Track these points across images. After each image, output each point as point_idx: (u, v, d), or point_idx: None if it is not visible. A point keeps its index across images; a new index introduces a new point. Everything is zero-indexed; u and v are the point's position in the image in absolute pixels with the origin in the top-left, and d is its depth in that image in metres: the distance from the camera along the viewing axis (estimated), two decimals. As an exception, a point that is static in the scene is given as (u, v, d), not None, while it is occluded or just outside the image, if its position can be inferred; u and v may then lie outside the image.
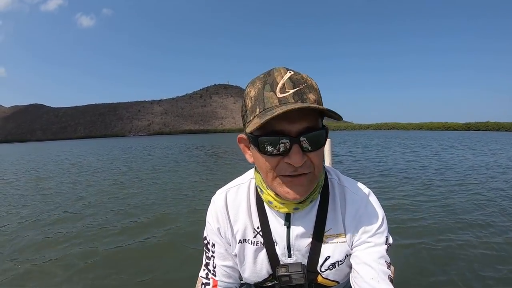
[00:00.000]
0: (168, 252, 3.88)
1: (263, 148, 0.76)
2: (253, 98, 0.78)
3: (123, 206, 6.30)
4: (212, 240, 1.00)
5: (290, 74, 0.77)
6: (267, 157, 0.78)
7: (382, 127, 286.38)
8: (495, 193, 6.59)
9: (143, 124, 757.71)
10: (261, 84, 0.78)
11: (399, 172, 9.87)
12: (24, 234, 4.65)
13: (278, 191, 0.82)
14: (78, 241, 4.29)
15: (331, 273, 0.93)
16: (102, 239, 4.35)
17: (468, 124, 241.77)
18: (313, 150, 0.77)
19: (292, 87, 0.75)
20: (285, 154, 0.75)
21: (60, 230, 4.80)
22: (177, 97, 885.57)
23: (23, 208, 6.44)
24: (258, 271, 0.96)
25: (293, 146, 0.74)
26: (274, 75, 0.78)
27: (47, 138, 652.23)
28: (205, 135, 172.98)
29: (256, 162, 0.84)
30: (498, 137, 45.47)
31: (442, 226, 4.47)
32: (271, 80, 0.77)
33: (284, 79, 0.76)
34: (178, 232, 4.58)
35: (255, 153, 0.82)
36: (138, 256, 3.79)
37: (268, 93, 0.75)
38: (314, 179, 0.82)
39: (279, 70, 0.79)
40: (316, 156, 0.79)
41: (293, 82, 0.76)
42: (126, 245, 4.12)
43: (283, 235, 0.92)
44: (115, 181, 9.87)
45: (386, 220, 0.94)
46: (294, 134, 0.74)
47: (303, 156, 0.75)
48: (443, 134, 61.52)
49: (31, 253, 3.92)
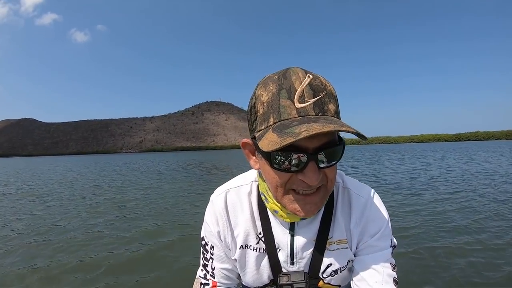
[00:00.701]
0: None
1: (276, 163, 0.69)
2: (266, 104, 0.68)
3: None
4: (211, 242, 0.96)
5: (310, 78, 0.68)
6: (279, 172, 0.71)
7: (373, 141, 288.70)
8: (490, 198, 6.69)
9: (135, 140, 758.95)
10: (275, 88, 0.68)
11: (391, 184, 9.77)
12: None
13: (288, 208, 0.76)
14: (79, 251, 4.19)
15: (333, 278, 0.90)
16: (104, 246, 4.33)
17: (458, 135, 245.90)
18: (329, 165, 0.71)
19: (312, 96, 0.66)
20: (299, 171, 0.69)
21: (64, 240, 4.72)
22: (169, 114, 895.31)
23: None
24: (259, 277, 0.93)
25: (309, 163, 0.67)
26: (292, 79, 0.68)
27: (39, 153, 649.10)
28: (198, 152, 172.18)
29: (265, 173, 0.77)
30: (489, 145, 46.17)
31: (434, 231, 4.45)
32: (288, 85, 0.67)
33: (303, 86, 0.66)
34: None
35: (264, 164, 0.75)
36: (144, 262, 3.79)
37: (284, 100, 0.66)
38: (326, 195, 0.78)
39: (296, 72, 0.69)
40: (331, 171, 0.73)
41: (313, 89, 0.67)
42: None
43: (287, 243, 0.88)
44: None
45: (390, 221, 0.91)
46: (311, 150, 0.67)
47: (319, 173, 0.69)
48: (434, 145, 62.12)
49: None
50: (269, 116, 0.68)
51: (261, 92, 0.71)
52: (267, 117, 0.68)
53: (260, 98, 0.71)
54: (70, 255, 3.98)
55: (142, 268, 3.54)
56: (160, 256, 3.88)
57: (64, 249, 4.25)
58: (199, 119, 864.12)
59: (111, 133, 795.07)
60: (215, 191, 0.96)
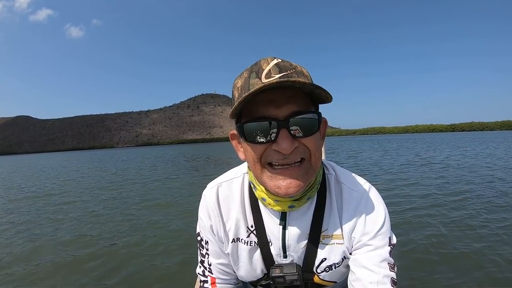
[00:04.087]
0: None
1: (249, 135, 0.71)
2: (239, 88, 0.72)
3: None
4: (206, 237, 0.96)
5: (278, 61, 0.71)
6: (253, 146, 0.72)
7: (369, 132, 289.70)
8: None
9: (131, 135, 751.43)
10: (247, 73, 0.73)
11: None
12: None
13: (268, 186, 0.75)
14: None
15: (328, 274, 0.89)
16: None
17: (453, 125, 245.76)
18: (305, 135, 0.70)
19: (278, 72, 0.68)
20: (273, 141, 0.69)
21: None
22: (164, 107, 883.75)
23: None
24: (252, 271, 0.92)
25: (280, 130, 0.68)
26: (261, 63, 0.72)
27: (35, 151, 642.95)
28: (195, 145, 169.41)
29: (246, 155, 0.78)
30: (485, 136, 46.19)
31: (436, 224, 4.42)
32: (257, 68, 0.71)
33: (270, 65, 0.70)
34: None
35: (244, 145, 0.77)
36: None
37: (253, 80, 0.69)
38: (310, 170, 0.74)
39: (266, 58, 0.73)
40: (312, 142, 0.72)
41: (279, 67, 0.69)
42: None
43: (278, 235, 0.86)
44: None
45: (389, 218, 0.87)
46: (281, 118, 0.68)
47: (293, 142, 0.68)
48: (429, 135, 61.14)
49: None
50: (241, 96, 0.70)
51: (237, 81, 0.75)
52: (239, 98, 0.71)
53: (236, 85, 0.75)
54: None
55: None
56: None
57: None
58: (194, 112, 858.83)
59: (107, 128, 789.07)
60: (207, 186, 0.96)
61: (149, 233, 4.70)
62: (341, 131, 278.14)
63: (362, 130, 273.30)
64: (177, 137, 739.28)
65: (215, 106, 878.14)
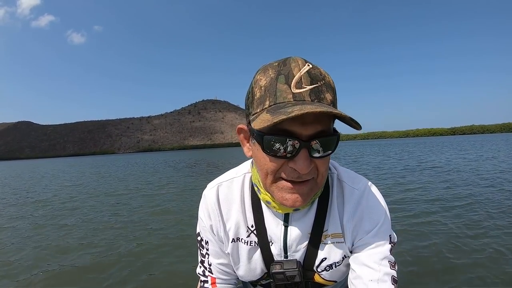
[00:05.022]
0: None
1: (268, 147, 0.67)
2: (263, 88, 0.68)
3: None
4: (206, 237, 0.96)
5: (309, 67, 0.68)
6: (270, 158, 0.69)
7: (369, 136, 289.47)
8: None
9: (132, 141, 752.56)
10: (274, 73, 0.68)
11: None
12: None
13: (275, 196, 0.75)
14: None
15: (328, 273, 0.89)
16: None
17: (454, 129, 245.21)
18: (321, 156, 0.69)
19: (310, 83, 0.66)
20: (291, 158, 0.68)
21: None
22: (165, 113, 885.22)
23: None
24: (252, 270, 0.92)
25: (301, 150, 0.66)
26: (291, 65, 0.68)
27: (36, 156, 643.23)
28: (196, 151, 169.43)
29: (256, 159, 0.75)
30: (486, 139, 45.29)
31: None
32: (286, 71, 0.67)
33: (301, 72, 0.66)
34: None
35: (256, 149, 0.73)
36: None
37: (282, 85, 0.66)
38: (315, 188, 0.75)
39: (296, 60, 0.69)
40: (323, 163, 0.71)
41: (311, 77, 0.67)
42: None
43: (280, 235, 0.86)
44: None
45: (389, 216, 0.88)
46: (305, 137, 0.65)
47: (310, 162, 0.68)
48: (429, 139, 61.25)
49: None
50: (265, 99, 0.67)
51: (260, 77, 0.70)
52: (263, 100, 0.68)
53: (258, 83, 0.70)
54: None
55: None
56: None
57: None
58: (195, 117, 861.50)
59: (108, 134, 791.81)
60: (207, 186, 0.95)
61: (152, 239, 4.62)
62: (342, 136, 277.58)
63: (363, 134, 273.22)
64: (178, 142, 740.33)
65: (216, 112, 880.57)
